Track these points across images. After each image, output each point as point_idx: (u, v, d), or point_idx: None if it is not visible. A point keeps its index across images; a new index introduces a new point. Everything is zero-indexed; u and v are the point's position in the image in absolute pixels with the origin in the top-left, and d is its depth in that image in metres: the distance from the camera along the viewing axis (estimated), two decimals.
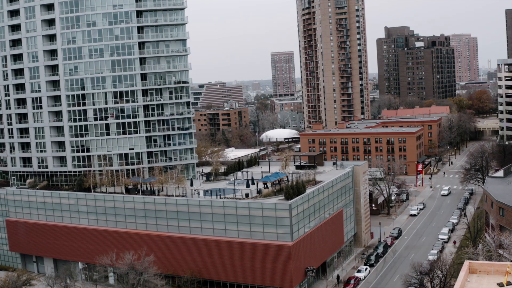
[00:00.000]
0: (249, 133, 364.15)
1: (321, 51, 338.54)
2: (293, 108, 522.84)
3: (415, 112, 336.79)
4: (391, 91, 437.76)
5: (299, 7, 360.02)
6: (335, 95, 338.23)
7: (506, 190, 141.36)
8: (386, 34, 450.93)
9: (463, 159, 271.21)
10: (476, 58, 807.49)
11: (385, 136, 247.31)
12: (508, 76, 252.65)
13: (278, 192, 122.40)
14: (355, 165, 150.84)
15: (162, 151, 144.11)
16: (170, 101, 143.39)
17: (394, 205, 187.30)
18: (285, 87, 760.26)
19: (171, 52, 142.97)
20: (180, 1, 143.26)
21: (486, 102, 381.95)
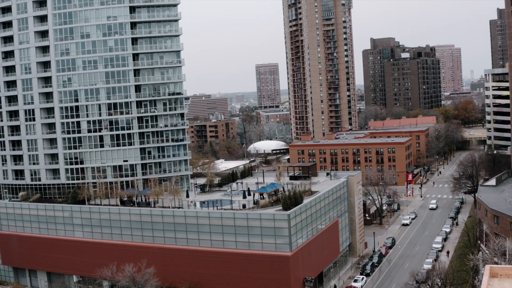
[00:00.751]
0: (236, 144, 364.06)
1: (308, 62, 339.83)
2: (279, 120, 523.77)
3: (402, 123, 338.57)
4: (377, 102, 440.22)
5: (286, 19, 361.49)
6: (322, 106, 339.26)
7: (499, 198, 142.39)
8: (372, 45, 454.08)
9: (452, 168, 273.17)
10: (460, 69, 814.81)
11: (375, 147, 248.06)
12: (495, 85, 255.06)
13: (275, 202, 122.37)
14: (350, 175, 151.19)
15: (156, 162, 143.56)
16: (164, 112, 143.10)
17: (386, 215, 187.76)
18: (270, 99, 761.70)
19: (165, 64, 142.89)
20: (174, 13, 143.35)
21: (472, 112, 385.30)
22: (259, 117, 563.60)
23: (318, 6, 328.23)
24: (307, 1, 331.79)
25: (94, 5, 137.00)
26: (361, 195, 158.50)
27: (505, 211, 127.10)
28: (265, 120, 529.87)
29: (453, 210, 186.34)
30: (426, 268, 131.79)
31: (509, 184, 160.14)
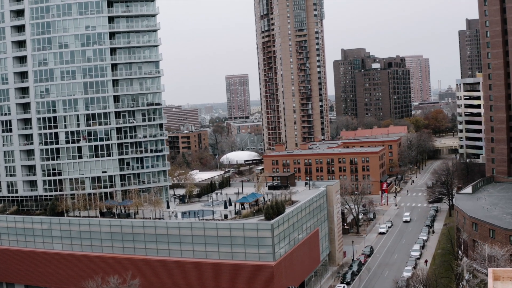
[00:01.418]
0: (208, 155, 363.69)
1: (281, 73, 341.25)
2: (250, 131, 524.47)
3: (374, 132, 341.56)
4: (348, 112, 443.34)
5: (258, 30, 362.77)
6: (295, 117, 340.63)
7: (476, 206, 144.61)
8: (343, 56, 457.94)
9: (424, 177, 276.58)
10: (428, 79, 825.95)
11: (349, 156, 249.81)
12: (466, 95, 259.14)
13: (257, 212, 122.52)
14: (328, 184, 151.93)
15: (135, 173, 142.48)
16: (143, 123, 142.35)
17: (363, 224, 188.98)
18: (240, 110, 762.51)
19: (144, 74, 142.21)
20: (153, 23, 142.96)
21: (442, 121, 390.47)
22: (230, 128, 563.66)
23: (291, 17, 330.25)
24: (280, 12, 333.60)
25: (73, 15, 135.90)
26: (340, 204, 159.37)
27: (484, 218, 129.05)
28: (236, 131, 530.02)
29: (429, 218, 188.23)
30: (406, 276, 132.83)
31: (485, 191, 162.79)
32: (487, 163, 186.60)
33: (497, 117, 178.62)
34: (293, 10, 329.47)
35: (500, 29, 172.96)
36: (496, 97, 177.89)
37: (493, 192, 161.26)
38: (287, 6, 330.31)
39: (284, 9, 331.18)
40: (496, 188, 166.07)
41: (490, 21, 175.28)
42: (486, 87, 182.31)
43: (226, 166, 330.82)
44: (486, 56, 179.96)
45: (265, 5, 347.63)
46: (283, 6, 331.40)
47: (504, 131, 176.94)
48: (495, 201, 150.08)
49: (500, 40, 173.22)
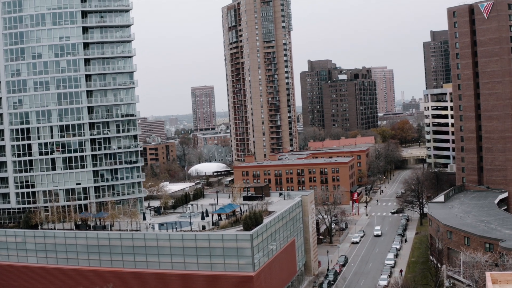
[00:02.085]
0: (177, 167, 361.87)
1: (249, 84, 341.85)
2: (217, 142, 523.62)
3: (342, 143, 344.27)
4: (315, 123, 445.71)
5: (226, 41, 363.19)
6: (264, 128, 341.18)
7: (449, 214, 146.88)
8: (310, 67, 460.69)
9: (393, 187, 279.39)
10: (393, 90, 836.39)
11: (319, 167, 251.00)
12: (434, 105, 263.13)
13: (235, 223, 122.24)
14: (303, 194, 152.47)
15: (110, 185, 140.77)
16: (118, 134, 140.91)
17: (335, 234, 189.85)
18: (205, 121, 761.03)
19: (118, 85, 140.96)
20: (127, 34, 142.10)
21: (408, 131, 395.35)
22: (196, 139, 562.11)
23: (259, 28, 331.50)
24: (248, 24, 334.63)
25: (46, 25, 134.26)
26: (314, 214, 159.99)
27: (459, 226, 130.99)
28: (202, 142, 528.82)
29: (400, 227, 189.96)
30: (382, 284, 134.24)
31: (456, 200, 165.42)
32: (458, 172, 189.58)
33: (467, 126, 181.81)
34: (261, 22, 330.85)
35: (469, 40, 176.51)
36: (466, 107, 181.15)
37: (464, 201, 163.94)
38: (255, 18, 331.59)
39: (252, 20, 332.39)
40: (468, 197, 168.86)
41: (460, 33, 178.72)
42: (456, 98, 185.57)
43: (195, 177, 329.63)
44: (455, 66, 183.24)
45: (233, 16, 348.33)
46: (251, 18, 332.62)
47: (474, 141, 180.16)
48: (468, 209, 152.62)
49: (469, 51, 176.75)
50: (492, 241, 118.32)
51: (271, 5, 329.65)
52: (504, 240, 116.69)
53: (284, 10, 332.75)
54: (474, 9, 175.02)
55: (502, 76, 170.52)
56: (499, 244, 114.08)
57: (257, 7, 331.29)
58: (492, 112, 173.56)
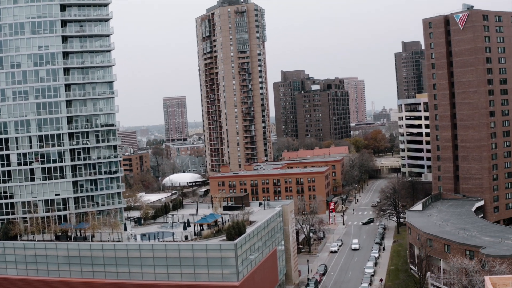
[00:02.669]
0: (151, 178, 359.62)
1: (223, 94, 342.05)
2: (190, 153, 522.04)
3: (316, 153, 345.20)
4: (288, 134, 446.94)
5: (200, 52, 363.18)
6: (238, 138, 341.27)
7: (428, 222, 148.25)
8: (283, 78, 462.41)
9: (368, 196, 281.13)
10: (364, 100, 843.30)
11: (295, 177, 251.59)
12: (408, 115, 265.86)
13: (217, 233, 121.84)
14: (283, 204, 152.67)
15: (89, 196, 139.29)
16: (97, 144, 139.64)
17: (313, 243, 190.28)
18: (178, 132, 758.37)
19: (97, 95, 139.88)
20: (107, 43, 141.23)
21: (381, 141, 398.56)
22: (169, 150, 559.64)
23: (233, 39, 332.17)
24: (222, 34, 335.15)
25: (25, 34, 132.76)
26: (294, 224, 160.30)
27: (439, 234, 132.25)
28: (175, 153, 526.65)
29: (378, 236, 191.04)
30: None
31: (434, 208, 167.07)
32: (434, 181, 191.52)
33: (443, 136, 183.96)
34: (236, 32, 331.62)
35: (445, 51, 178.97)
36: (442, 116, 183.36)
37: (442, 209, 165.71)
38: (229, 28, 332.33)
39: (226, 31, 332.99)
40: (445, 205, 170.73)
41: (435, 43, 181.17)
42: (432, 107, 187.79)
43: (169, 188, 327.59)
44: (431, 77, 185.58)
45: (207, 27, 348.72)
46: (226, 28, 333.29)
47: (450, 150, 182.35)
48: (446, 217, 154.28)
49: (445, 61, 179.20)
50: (473, 248, 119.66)
51: (246, 16, 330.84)
52: (484, 247, 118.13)
53: (258, 21, 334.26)
54: (449, 20, 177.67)
55: (478, 86, 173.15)
56: (480, 251, 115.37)
57: (232, 18, 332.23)
58: (468, 122, 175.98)
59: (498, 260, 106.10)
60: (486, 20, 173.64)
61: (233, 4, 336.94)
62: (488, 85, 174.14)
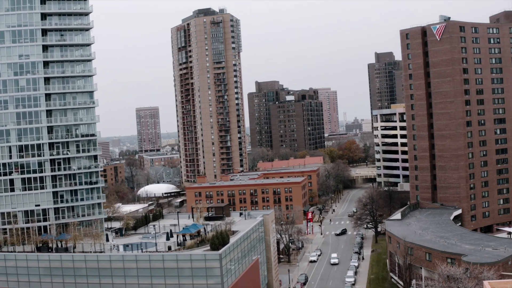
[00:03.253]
0: (126, 188, 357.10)
1: (199, 105, 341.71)
2: (164, 163, 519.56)
3: (291, 163, 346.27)
4: (262, 144, 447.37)
5: (176, 62, 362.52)
6: (214, 149, 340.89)
7: (408, 231, 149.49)
8: (257, 88, 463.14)
9: (344, 206, 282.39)
10: (336, 111, 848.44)
11: (272, 187, 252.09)
12: (383, 125, 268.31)
13: (201, 243, 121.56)
14: (264, 214, 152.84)
15: (70, 206, 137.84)
16: (78, 154, 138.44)
17: (292, 253, 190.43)
18: (150, 143, 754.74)
19: (78, 104, 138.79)
20: (88, 52, 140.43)
21: (356, 152, 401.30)
22: (142, 161, 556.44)
23: (209, 49, 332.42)
24: (198, 45, 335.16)
25: (5, 43, 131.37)
26: (275, 234, 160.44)
27: (420, 243, 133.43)
28: (149, 163, 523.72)
29: (356, 245, 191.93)
30: None
31: (413, 217, 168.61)
32: (412, 190, 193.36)
33: (420, 145, 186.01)
34: (212, 43, 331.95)
35: (422, 62, 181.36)
36: (419, 126, 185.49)
37: (421, 218, 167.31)
38: (205, 39, 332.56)
39: (202, 41, 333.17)
40: (423, 214, 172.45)
41: (413, 54, 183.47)
42: (409, 117, 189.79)
43: (145, 199, 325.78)
44: (408, 87, 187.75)
45: (183, 37, 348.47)
46: (202, 39, 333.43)
47: (427, 159, 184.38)
48: (425, 226, 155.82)
49: (422, 72, 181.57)
50: (454, 256, 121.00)
51: (221, 26, 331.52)
52: (466, 254, 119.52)
53: (234, 31, 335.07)
54: (426, 31, 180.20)
55: (455, 96, 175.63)
56: (461, 259, 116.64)
57: (207, 28, 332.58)
58: (445, 131, 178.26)
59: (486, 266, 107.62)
60: (463, 31, 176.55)
61: (209, 14, 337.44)
62: (464, 95, 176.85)
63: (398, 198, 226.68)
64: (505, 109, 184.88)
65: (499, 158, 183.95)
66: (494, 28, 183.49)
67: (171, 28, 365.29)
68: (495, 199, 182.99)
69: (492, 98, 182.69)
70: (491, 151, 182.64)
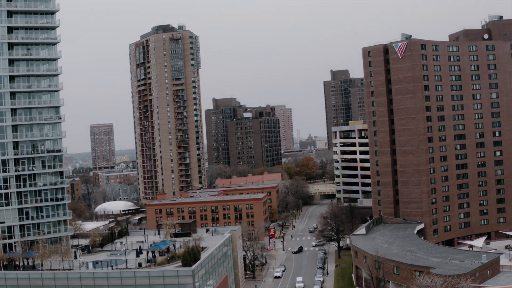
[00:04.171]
0: (83, 206, 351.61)
1: (158, 121, 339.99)
2: (120, 180, 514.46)
3: (249, 180, 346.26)
4: (220, 161, 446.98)
5: (134, 78, 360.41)
6: (172, 165, 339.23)
7: (374, 245, 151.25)
8: (214, 105, 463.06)
9: (304, 222, 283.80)
10: (291, 128, 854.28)
11: (233, 203, 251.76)
12: (342, 142, 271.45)
13: (171, 259, 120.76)
14: (232, 230, 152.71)
15: (35, 223, 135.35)
16: (43, 170, 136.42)
17: (256, 269, 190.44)
18: (105, 160, 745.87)
19: (44, 120, 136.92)
20: (54, 67, 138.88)
21: (313, 168, 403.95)
22: (97, 178, 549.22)
23: (168, 66, 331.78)
24: (157, 61, 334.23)
25: None
26: (242, 250, 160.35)
27: (387, 256, 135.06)
28: (105, 181, 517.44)
29: (320, 260, 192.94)
30: None
31: (377, 232, 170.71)
32: (374, 205, 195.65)
33: (383, 161, 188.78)
34: (171, 59, 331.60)
35: (384, 79, 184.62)
36: (382, 142, 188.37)
37: (385, 232, 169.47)
38: (164, 55, 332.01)
39: (161, 58, 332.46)
40: (387, 228, 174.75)
41: (375, 71, 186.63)
42: (372, 133, 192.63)
43: (102, 216, 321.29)
44: (370, 104, 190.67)
45: (141, 53, 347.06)
46: (161, 55, 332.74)
47: (389, 175, 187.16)
48: (390, 240, 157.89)
49: (384, 89, 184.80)
50: (423, 269, 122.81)
51: (181, 43, 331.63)
52: (434, 267, 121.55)
53: (193, 48, 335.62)
54: (388, 49, 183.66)
55: (416, 113, 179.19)
56: (430, 271, 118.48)
57: (166, 45, 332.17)
58: (407, 147, 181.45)
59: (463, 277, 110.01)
60: (424, 49, 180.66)
61: (168, 31, 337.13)
62: (426, 111, 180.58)
63: (359, 213, 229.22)
64: (464, 125, 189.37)
65: (459, 173, 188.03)
66: (454, 46, 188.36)
67: (130, 44, 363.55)
68: (456, 214, 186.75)
69: (452, 114, 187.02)
70: (451, 166, 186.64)
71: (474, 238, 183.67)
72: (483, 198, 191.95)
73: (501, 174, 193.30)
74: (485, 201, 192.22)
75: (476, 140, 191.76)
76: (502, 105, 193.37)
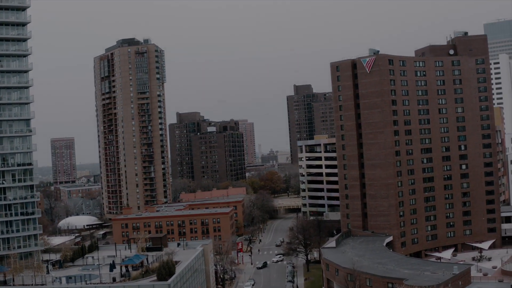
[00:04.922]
0: (46, 221, 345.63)
1: (122, 135, 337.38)
2: (82, 195, 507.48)
3: (214, 194, 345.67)
4: (184, 175, 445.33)
5: (98, 92, 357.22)
6: (137, 180, 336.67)
7: (345, 258, 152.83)
8: (178, 119, 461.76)
9: (270, 236, 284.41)
10: (253, 143, 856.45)
11: (200, 218, 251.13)
12: (308, 156, 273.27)
13: (146, 273, 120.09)
14: (204, 244, 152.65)
15: (5, 238, 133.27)
16: (13, 184, 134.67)
17: (226, 283, 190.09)
18: (66, 174, 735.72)
19: (14, 132, 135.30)
20: (25, 79, 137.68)
21: (277, 182, 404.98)
22: (59, 192, 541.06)
23: (133, 79, 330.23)
24: (122, 75, 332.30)
25: None
26: (213, 264, 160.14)
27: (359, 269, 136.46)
28: (66, 195, 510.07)
29: (289, 274, 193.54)
30: None
31: (347, 245, 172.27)
32: (342, 219, 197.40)
33: (351, 175, 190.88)
34: (136, 73, 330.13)
35: (352, 93, 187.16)
36: (350, 156, 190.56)
37: (355, 245, 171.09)
38: (129, 69, 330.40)
39: (126, 71, 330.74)
40: (356, 241, 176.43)
41: (343, 86, 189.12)
42: (340, 147, 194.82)
43: (66, 231, 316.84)
44: (339, 118, 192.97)
45: (106, 67, 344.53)
46: (126, 69, 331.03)
47: (358, 188, 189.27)
48: (360, 253, 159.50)
49: (352, 103, 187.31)
50: (396, 281, 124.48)
51: (146, 57, 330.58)
52: (407, 279, 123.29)
53: (158, 62, 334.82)
54: (356, 63, 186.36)
55: (384, 127, 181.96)
56: (403, 283, 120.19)
57: (132, 58, 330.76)
58: (375, 161, 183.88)
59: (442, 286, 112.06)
60: (391, 64, 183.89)
61: (133, 44, 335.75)
62: (393, 126, 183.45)
63: (325, 227, 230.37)
64: (431, 139, 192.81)
65: (426, 186, 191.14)
66: (420, 61, 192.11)
67: (94, 57, 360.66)
68: (423, 226, 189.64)
69: (419, 128, 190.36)
70: (418, 180, 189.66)
71: (441, 250, 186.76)
72: (449, 211, 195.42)
73: (467, 187, 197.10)
74: (452, 214, 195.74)
75: (442, 153, 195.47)
76: (467, 119, 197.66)
